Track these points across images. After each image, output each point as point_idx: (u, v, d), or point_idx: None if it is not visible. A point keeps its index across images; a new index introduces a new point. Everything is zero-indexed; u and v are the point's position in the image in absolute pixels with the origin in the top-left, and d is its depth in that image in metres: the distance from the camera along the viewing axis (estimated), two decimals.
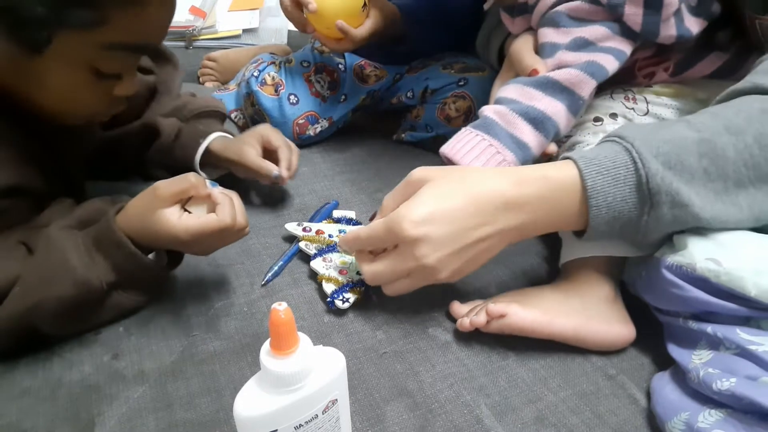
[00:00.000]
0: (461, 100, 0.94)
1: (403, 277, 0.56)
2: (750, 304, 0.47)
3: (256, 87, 0.96)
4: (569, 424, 0.51)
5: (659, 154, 0.49)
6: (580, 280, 0.60)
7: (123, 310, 0.60)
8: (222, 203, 0.57)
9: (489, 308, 0.56)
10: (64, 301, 0.54)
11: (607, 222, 0.51)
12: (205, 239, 0.56)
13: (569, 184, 0.51)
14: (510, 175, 0.53)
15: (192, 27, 1.43)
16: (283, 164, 0.76)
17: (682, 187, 0.48)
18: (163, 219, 0.54)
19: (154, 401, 0.53)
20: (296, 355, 0.37)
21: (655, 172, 0.48)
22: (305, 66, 0.97)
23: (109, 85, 0.58)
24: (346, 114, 0.99)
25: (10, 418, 0.51)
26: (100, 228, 0.57)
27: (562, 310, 0.57)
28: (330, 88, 0.97)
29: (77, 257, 0.54)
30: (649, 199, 0.49)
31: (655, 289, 0.53)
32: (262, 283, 0.67)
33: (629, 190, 0.49)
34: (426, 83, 0.98)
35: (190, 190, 0.56)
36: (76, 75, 0.55)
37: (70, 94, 0.57)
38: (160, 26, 0.57)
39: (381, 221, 0.54)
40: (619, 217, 0.51)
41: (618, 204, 0.50)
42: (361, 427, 0.51)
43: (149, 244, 0.57)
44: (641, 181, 0.48)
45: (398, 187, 0.57)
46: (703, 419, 0.45)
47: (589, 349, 0.58)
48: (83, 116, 0.62)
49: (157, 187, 0.55)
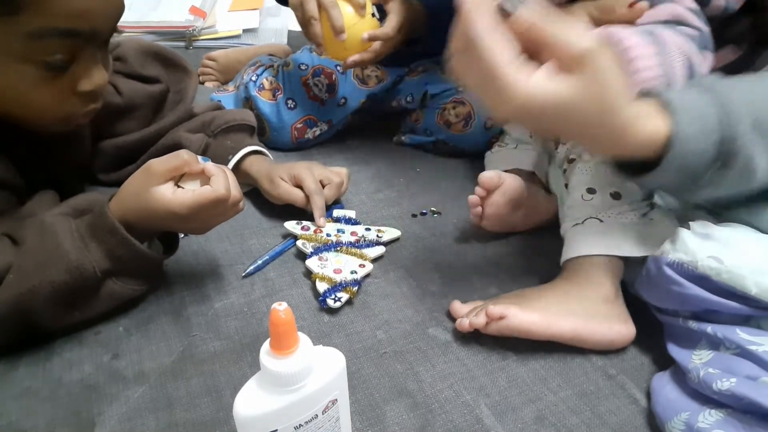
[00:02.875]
0: (461, 106, 0.95)
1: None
2: (750, 303, 0.47)
3: (254, 92, 0.96)
4: (569, 424, 0.51)
5: (747, 112, 0.45)
6: (580, 279, 0.60)
7: (118, 299, 0.60)
8: (216, 174, 0.57)
9: (488, 310, 0.56)
10: (58, 287, 0.54)
11: (678, 170, 0.46)
12: (202, 212, 0.56)
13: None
14: None
15: (192, 27, 1.43)
16: (317, 213, 0.75)
17: (758, 153, 0.45)
18: (158, 195, 0.55)
19: (154, 401, 0.53)
20: (296, 355, 0.37)
21: (742, 133, 0.44)
22: (303, 69, 0.97)
23: (69, 80, 0.58)
24: (345, 117, 0.99)
25: (10, 418, 0.51)
26: (93, 215, 0.57)
27: (561, 311, 0.57)
28: (328, 91, 0.97)
29: (70, 242, 0.54)
30: (725, 158, 0.45)
31: (655, 287, 0.53)
32: (242, 274, 0.68)
33: (711, 144, 0.45)
34: (425, 88, 0.98)
35: (183, 166, 0.56)
36: (22, 71, 0.55)
37: (27, 94, 0.57)
38: (91, 8, 0.55)
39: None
40: (689, 167, 0.46)
41: (696, 155, 0.46)
42: (361, 427, 0.51)
43: (145, 224, 0.57)
44: (724, 139, 0.45)
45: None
46: (703, 419, 0.45)
47: (589, 349, 0.58)
48: (54, 118, 0.61)
49: (150, 165, 0.56)
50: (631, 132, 0.45)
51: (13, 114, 0.59)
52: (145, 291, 0.63)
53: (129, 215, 0.56)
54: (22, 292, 0.53)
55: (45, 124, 0.62)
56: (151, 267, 0.62)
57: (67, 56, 0.56)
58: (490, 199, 0.72)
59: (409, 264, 0.71)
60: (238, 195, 0.59)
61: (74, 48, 0.57)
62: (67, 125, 0.64)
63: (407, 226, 0.78)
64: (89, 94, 0.60)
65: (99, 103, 0.63)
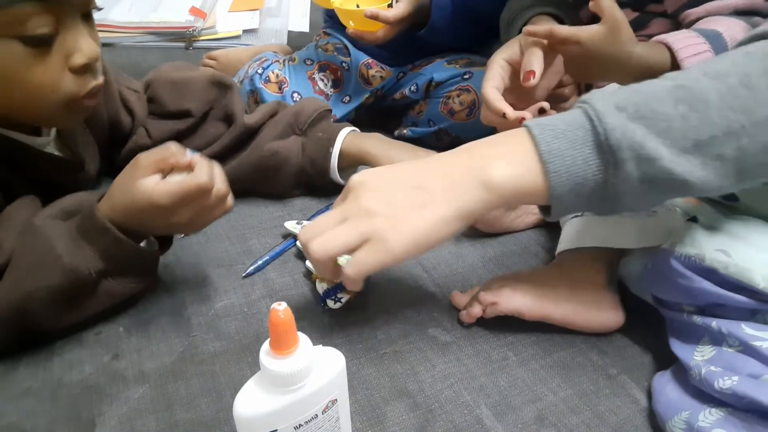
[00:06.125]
0: (465, 93, 0.93)
1: (338, 224, 0.49)
2: (758, 297, 0.47)
3: (260, 84, 0.97)
4: (569, 424, 0.51)
5: (625, 106, 0.43)
6: (572, 266, 0.60)
7: (117, 297, 0.60)
8: (199, 164, 0.55)
9: (480, 297, 0.58)
10: (54, 290, 0.54)
11: (570, 190, 0.45)
12: (184, 203, 0.55)
13: (523, 152, 0.46)
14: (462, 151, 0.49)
15: (192, 28, 1.43)
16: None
17: (648, 140, 0.42)
18: (142, 187, 0.54)
19: (154, 402, 0.53)
20: (296, 355, 0.37)
21: (614, 127, 0.43)
22: (308, 64, 0.97)
23: (58, 57, 0.57)
24: (349, 113, 1.00)
25: (11, 418, 0.51)
26: (83, 216, 0.56)
27: (553, 294, 0.58)
28: (333, 86, 0.97)
29: (63, 245, 0.54)
30: (612, 157, 0.43)
31: (661, 280, 0.53)
32: (243, 275, 0.68)
33: (590, 151, 0.44)
34: (431, 76, 0.98)
35: (170, 157, 0.55)
36: (7, 49, 0.54)
37: (20, 75, 0.56)
38: None
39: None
40: (584, 183, 0.44)
41: (579, 168, 0.44)
42: (361, 427, 0.51)
43: (133, 221, 0.56)
44: (600, 139, 0.43)
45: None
46: (703, 418, 0.45)
47: (580, 339, 0.59)
48: (57, 103, 0.59)
49: (138, 158, 0.55)
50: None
51: (17, 108, 0.59)
52: (145, 288, 0.62)
53: (117, 214, 0.55)
54: (19, 297, 0.53)
55: (51, 113, 0.61)
56: (146, 264, 0.61)
57: (46, 28, 0.55)
58: None
59: (409, 264, 0.71)
60: (223, 189, 0.57)
61: (51, 20, 0.56)
62: (74, 112, 0.62)
63: None
64: (84, 68, 0.59)
65: (100, 79, 0.62)
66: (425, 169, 0.49)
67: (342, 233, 0.49)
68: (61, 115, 0.61)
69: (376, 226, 0.47)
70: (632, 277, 0.60)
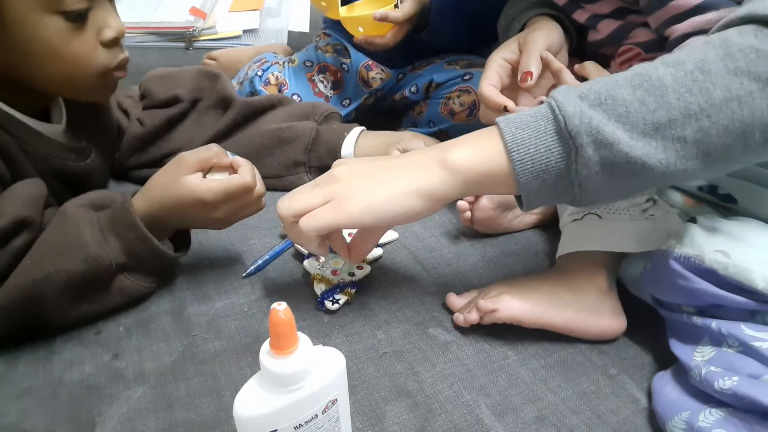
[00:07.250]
0: (466, 95, 0.94)
1: (315, 201, 0.53)
2: (757, 298, 0.47)
3: (259, 86, 0.97)
4: (569, 424, 0.51)
5: (587, 95, 0.45)
6: (573, 271, 0.60)
7: (128, 295, 0.61)
8: (243, 165, 0.61)
9: (479, 305, 0.57)
10: (74, 276, 0.55)
11: (536, 177, 0.47)
12: (228, 201, 0.59)
13: (489, 143, 0.49)
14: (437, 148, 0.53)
15: (192, 28, 1.44)
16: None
17: (605, 124, 0.44)
18: (188, 183, 0.58)
19: (154, 401, 0.53)
20: (296, 355, 0.37)
21: (572, 113, 0.44)
22: (308, 66, 0.97)
23: (92, 32, 0.62)
24: (349, 114, 1.00)
25: (11, 418, 0.51)
26: (115, 209, 0.59)
27: (553, 302, 0.57)
28: (333, 88, 0.97)
29: (90, 234, 0.57)
30: (572, 143, 0.45)
31: (661, 281, 0.53)
32: (243, 275, 0.68)
33: (551, 139, 0.46)
34: (431, 77, 0.98)
35: (213, 157, 0.60)
36: (50, 24, 0.59)
37: (60, 48, 0.60)
38: None
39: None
40: (549, 170, 0.46)
41: (542, 155, 0.46)
42: (361, 427, 0.51)
43: (171, 215, 0.59)
44: (560, 126, 0.45)
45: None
46: (703, 418, 0.45)
47: (581, 339, 0.58)
48: (93, 74, 0.64)
49: (181, 156, 0.59)
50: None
51: (57, 81, 0.63)
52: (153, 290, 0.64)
53: (154, 208, 0.59)
54: (37, 278, 0.54)
55: (87, 85, 0.65)
56: (165, 265, 0.63)
57: (82, 3, 0.60)
58: (478, 204, 0.72)
59: (409, 264, 0.71)
60: (262, 189, 0.62)
61: None
62: (106, 84, 0.67)
63: (407, 225, 0.78)
64: (113, 42, 0.64)
65: (126, 53, 0.67)
66: (398, 158, 0.53)
67: (307, 194, 0.53)
68: (96, 85, 0.66)
69: (339, 189, 0.52)
70: (632, 278, 0.60)
